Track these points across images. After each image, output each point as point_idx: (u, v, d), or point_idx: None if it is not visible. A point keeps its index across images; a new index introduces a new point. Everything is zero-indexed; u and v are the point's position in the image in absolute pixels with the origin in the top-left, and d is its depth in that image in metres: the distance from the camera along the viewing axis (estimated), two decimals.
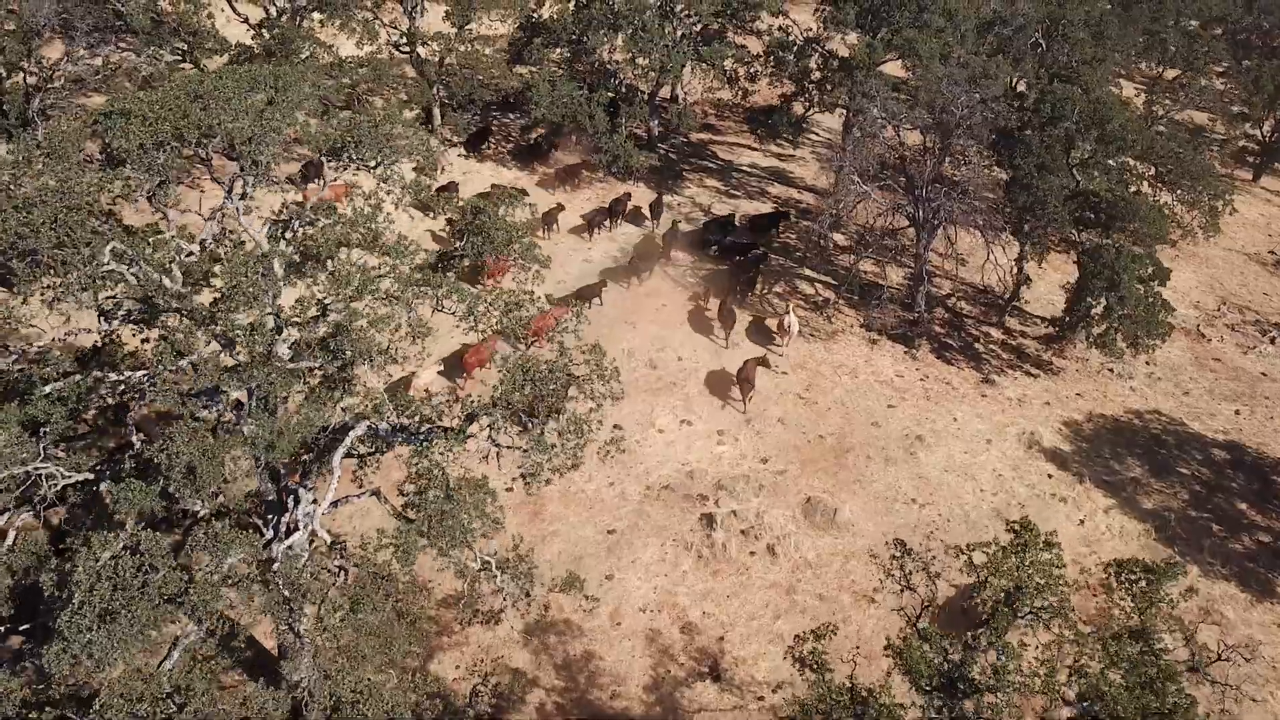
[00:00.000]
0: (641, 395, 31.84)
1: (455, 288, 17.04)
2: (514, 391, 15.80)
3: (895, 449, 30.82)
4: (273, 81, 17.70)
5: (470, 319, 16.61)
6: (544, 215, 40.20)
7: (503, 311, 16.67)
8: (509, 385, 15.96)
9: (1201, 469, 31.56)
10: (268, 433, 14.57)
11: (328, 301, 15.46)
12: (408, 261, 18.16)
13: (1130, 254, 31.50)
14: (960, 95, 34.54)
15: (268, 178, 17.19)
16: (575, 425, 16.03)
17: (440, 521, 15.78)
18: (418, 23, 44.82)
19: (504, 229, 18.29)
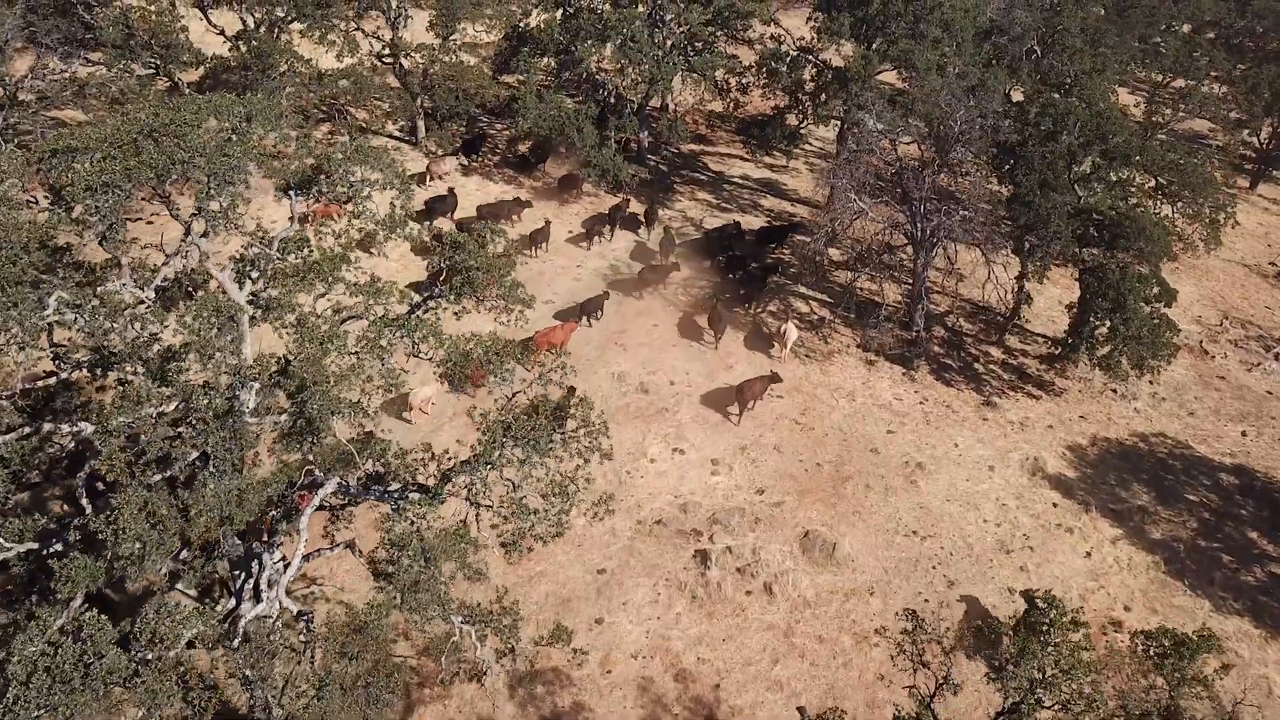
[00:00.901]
0: (633, 422, 30.76)
1: (433, 330, 15.88)
2: (494, 449, 14.66)
3: (895, 477, 29.80)
4: (236, 111, 16.53)
5: (450, 364, 15.43)
6: (531, 234, 39.10)
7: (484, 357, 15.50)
8: (489, 442, 14.81)
9: (1210, 495, 30.62)
10: (226, 500, 13.42)
11: (290, 359, 14.29)
12: (383, 301, 17.04)
13: (1136, 274, 30.54)
14: (959, 109, 33.57)
15: (230, 217, 15.99)
16: (560, 489, 14.90)
17: (415, 593, 14.64)
18: (401, 33, 43.65)
19: (485, 266, 17.14)
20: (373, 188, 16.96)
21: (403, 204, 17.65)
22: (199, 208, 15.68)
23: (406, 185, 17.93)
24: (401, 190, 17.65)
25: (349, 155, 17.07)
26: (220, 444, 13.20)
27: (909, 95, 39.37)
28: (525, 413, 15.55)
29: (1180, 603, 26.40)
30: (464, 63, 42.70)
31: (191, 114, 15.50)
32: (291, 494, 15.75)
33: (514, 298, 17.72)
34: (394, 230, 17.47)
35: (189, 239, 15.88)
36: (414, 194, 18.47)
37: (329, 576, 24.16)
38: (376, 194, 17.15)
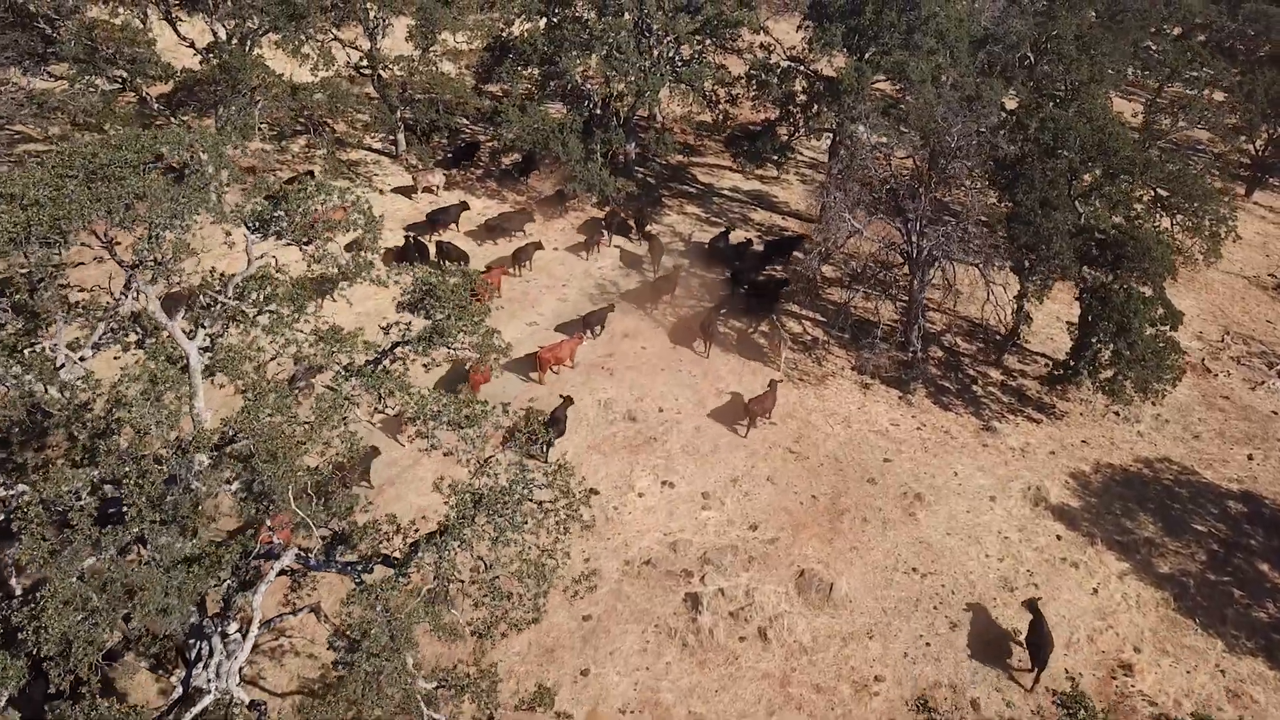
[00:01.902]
0: (620, 453, 29.53)
1: (400, 384, 14.61)
2: (464, 523, 13.41)
3: (893, 509, 28.65)
4: (184, 146, 15.22)
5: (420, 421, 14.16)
6: (514, 252, 37.88)
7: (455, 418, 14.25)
8: (458, 514, 13.56)
9: (1218, 524, 29.58)
10: (165, 588, 12.12)
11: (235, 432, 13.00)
12: (347, 350, 15.75)
13: (1140, 296, 29.48)
14: (956, 123, 32.45)
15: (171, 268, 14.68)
16: (537, 569, 13.66)
17: (375, 688, 13.35)
18: (379, 43, 42.28)
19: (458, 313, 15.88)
20: (337, 227, 15.67)
21: (370, 242, 16.40)
22: (138, 260, 14.38)
23: (373, 223, 16.66)
24: (367, 229, 16.39)
25: (309, 192, 15.77)
26: (154, 531, 11.94)
27: (903, 107, 38.32)
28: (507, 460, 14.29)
29: (1192, 643, 25.31)
30: (445, 74, 41.37)
31: (134, 152, 14.20)
32: (247, 564, 14.48)
33: (488, 346, 16.47)
34: (358, 275, 16.23)
35: (131, 290, 14.58)
36: (381, 233, 17.23)
37: (298, 627, 22.82)
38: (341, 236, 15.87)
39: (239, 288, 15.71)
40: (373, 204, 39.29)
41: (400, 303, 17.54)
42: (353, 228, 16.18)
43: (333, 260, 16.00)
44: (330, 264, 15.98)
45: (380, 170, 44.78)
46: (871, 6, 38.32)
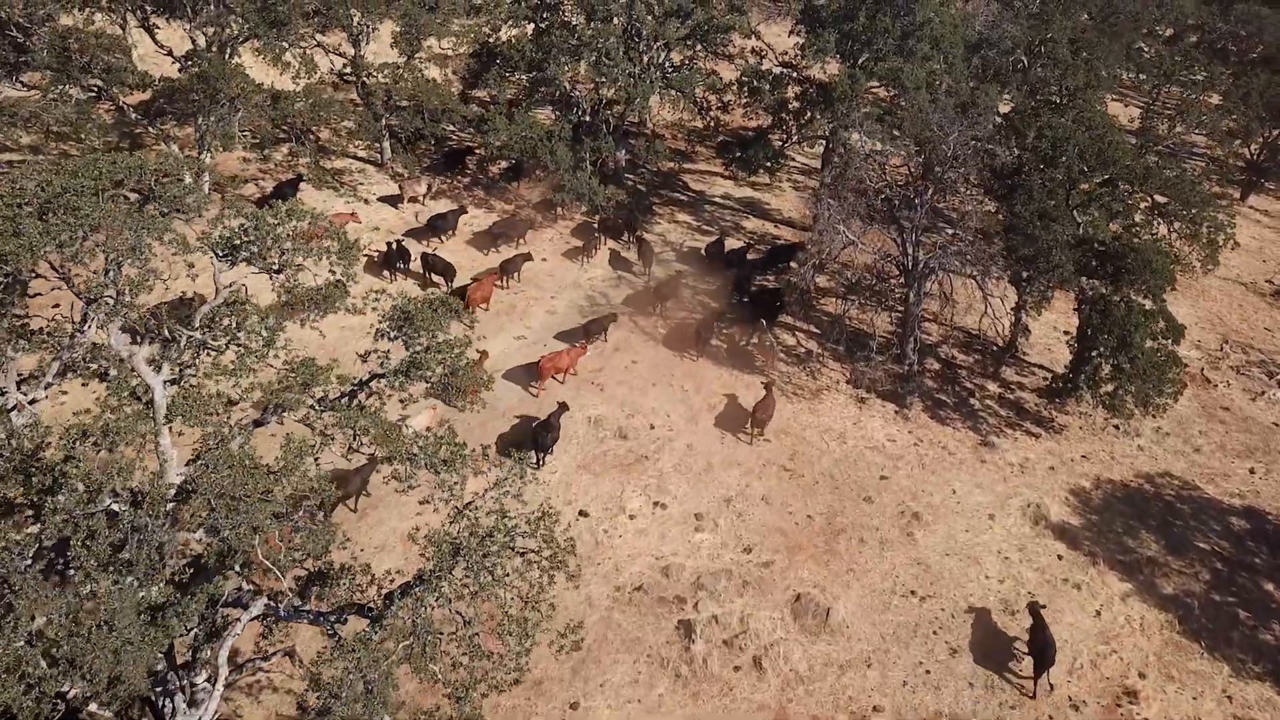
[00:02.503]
0: (610, 473, 28.77)
1: (374, 420, 13.82)
2: (441, 572, 12.64)
3: (890, 529, 27.97)
4: (143, 173, 14.40)
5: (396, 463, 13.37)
6: (502, 264, 37.10)
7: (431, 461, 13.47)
8: (435, 563, 12.80)
9: (1221, 542, 28.98)
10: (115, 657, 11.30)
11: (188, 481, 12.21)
12: (322, 382, 14.95)
13: (1142, 310, 28.86)
14: (952, 133, 31.80)
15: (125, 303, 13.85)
16: (519, 625, 12.90)
17: None
18: (364, 49, 41.44)
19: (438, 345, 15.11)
20: (310, 255, 14.89)
21: (344, 271, 15.62)
22: (93, 296, 13.57)
23: (349, 250, 15.87)
24: (342, 256, 15.59)
25: (279, 218, 14.96)
26: (108, 594, 11.16)
27: (898, 114, 37.69)
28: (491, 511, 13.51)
29: (1197, 667, 24.69)
30: (430, 80, 40.53)
31: (91, 179, 13.39)
32: (214, 613, 13.70)
33: (470, 380, 15.69)
34: (331, 305, 15.45)
35: (89, 325, 13.77)
36: (358, 260, 16.40)
37: (277, 662, 21.99)
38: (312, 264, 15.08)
39: (206, 318, 14.92)
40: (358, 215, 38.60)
41: (378, 330, 16.77)
42: (326, 254, 15.40)
43: (305, 292, 15.27)
44: (300, 295, 15.25)
45: (365, 179, 43.93)
46: (865, 12, 37.68)
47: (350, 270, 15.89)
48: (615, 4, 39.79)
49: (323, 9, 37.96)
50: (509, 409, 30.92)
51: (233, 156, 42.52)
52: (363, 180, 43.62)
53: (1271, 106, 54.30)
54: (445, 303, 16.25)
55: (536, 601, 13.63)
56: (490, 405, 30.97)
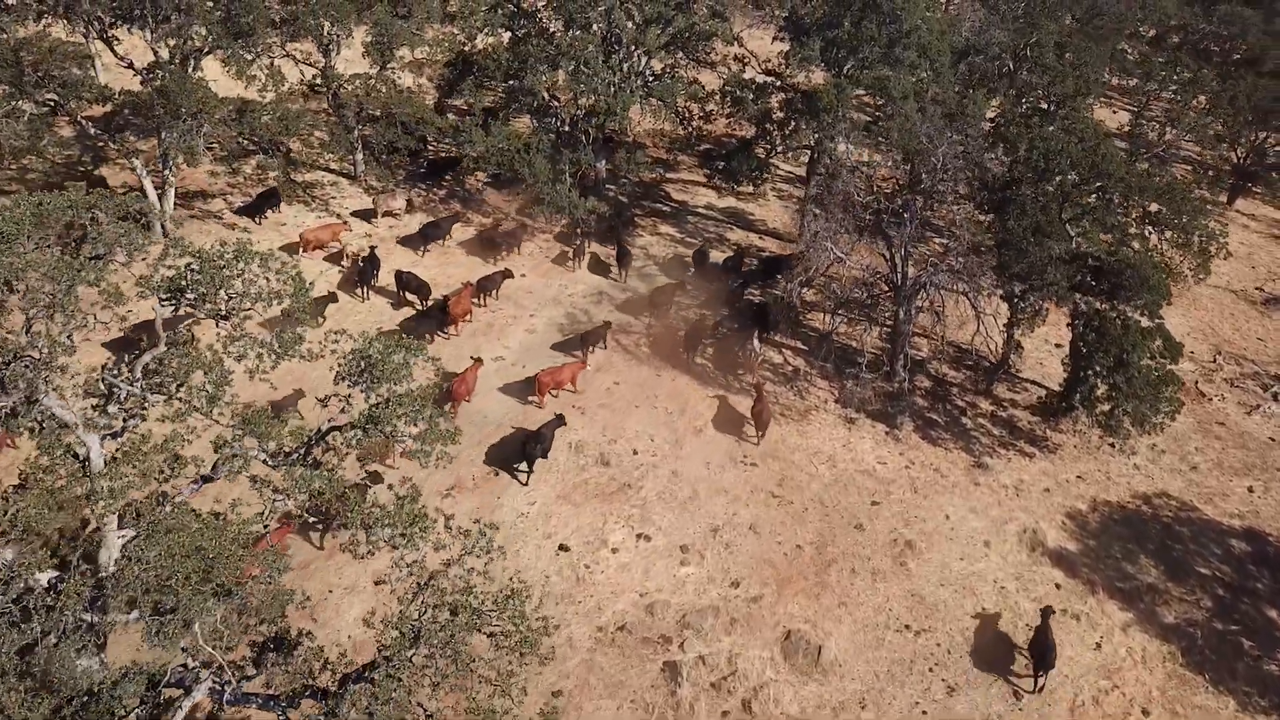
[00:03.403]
0: (592, 503, 27.66)
1: (331, 482, 12.66)
2: (400, 662, 11.52)
3: (883, 559, 26.99)
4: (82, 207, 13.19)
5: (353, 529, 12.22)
6: (479, 281, 35.93)
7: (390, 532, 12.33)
8: (395, 645, 11.67)
9: (1222, 566, 28.16)
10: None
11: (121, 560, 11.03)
12: (275, 436, 13.76)
13: (1139, 328, 28.00)
14: (940, 145, 30.88)
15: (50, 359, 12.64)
16: (488, 717, 11.78)
17: None
18: (335, 59, 40.13)
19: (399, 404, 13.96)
20: (259, 300, 13.72)
21: (301, 312, 14.45)
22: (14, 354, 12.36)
23: (303, 290, 14.70)
24: (296, 297, 14.42)
25: (227, 261, 13.78)
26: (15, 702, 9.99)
27: (884, 124, 36.78)
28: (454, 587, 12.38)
29: (1202, 702, 23.83)
30: (404, 91, 39.25)
31: (12, 224, 12.18)
32: (154, 695, 12.52)
33: (434, 435, 14.54)
34: (283, 354, 14.27)
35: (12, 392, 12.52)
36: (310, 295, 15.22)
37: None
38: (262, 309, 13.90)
39: (149, 368, 13.73)
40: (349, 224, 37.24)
41: (338, 374, 15.60)
42: (278, 299, 14.23)
43: (252, 341, 14.06)
44: (249, 345, 14.04)
45: (338, 192, 42.64)
46: (850, 19, 36.69)
47: (307, 314, 14.74)
48: (594, 11, 38.64)
49: (290, 18, 36.59)
50: (498, 425, 29.90)
51: (200, 170, 41.17)
52: (335, 194, 42.33)
53: (1258, 109, 53.79)
54: (408, 346, 15.11)
55: (506, 688, 12.50)
56: (482, 419, 29.94)
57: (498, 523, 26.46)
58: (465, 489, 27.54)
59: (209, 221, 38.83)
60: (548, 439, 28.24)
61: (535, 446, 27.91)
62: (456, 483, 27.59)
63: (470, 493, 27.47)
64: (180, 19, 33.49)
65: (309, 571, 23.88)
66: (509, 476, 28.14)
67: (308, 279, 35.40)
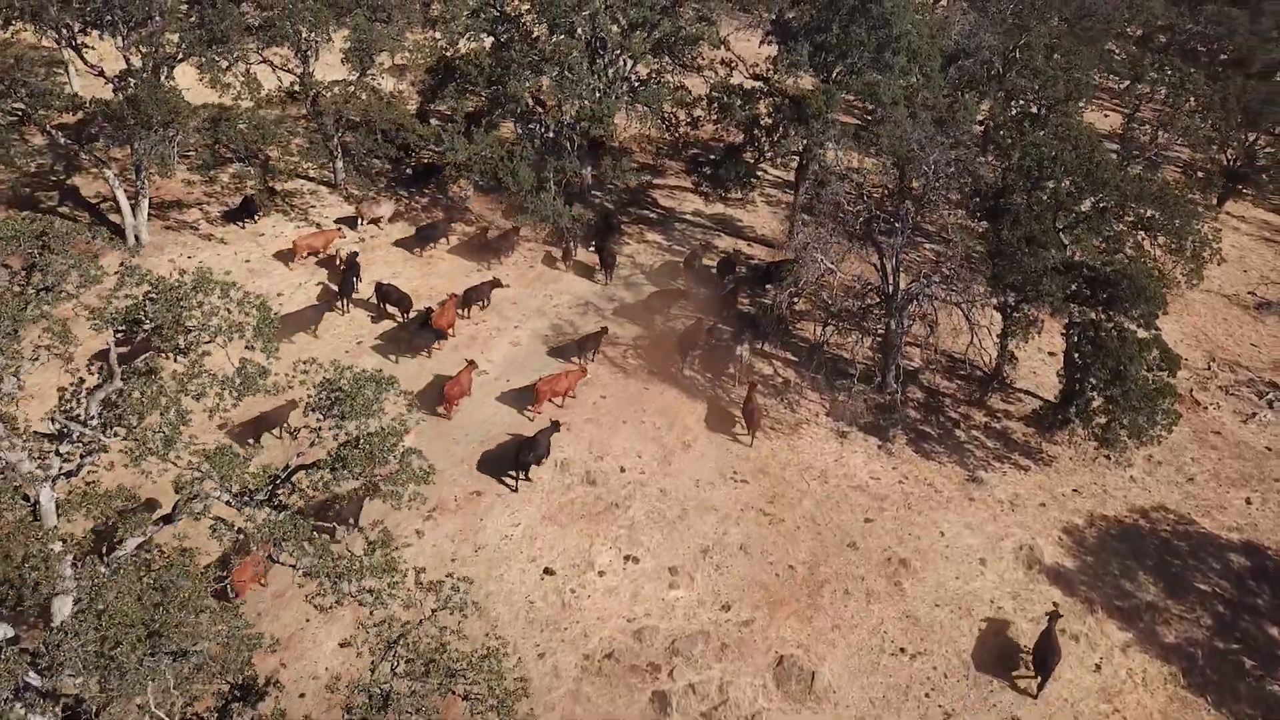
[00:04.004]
0: (578, 523, 26.89)
1: (297, 528, 11.88)
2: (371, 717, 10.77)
3: (876, 578, 26.33)
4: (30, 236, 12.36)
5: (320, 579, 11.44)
6: (467, 292, 35.14)
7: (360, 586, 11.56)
8: (363, 709, 10.91)
9: (1221, 582, 27.63)
10: None
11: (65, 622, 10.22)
12: (235, 475, 12.96)
13: (1136, 339, 27.45)
14: (932, 153, 30.27)
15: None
16: None
17: None
18: (313, 65, 39.22)
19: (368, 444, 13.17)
20: (221, 334, 12.92)
21: (264, 345, 13.64)
22: None
23: (269, 324, 13.90)
24: (260, 331, 13.61)
25: (187, 291, 12.96)
26: None
27: (874, 129, 36.17)
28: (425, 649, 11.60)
29: None
30: (384, 98, 38.36)
31: None
32: None
33: (406, 475, 13.76)
34: (245, 391, 13.47)
35: None
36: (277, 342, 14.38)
37: None
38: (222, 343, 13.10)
39: (103, 407, 12.92)
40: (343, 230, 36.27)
41: (309, 404, 14.81)
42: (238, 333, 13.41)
43: (211, 379, 13.24)
44: (208, 382, 13.23)
45: (318, 201, 41.74)
46: (838, 23, 36.03)
47: (271, 346, 13.95)
48: (578, 16, 37.88)
49: (266, 24, 35.69)
50: (481, 441, 29.18)
51: (176, 180, 40.21)
52: (314, 203, 41.43)
53: (1248, 111, 53.46)
54: (378, 381, 14.31)
55: None
56: (465, 435, 29.19)
57: (481, 544, 25.78)
58: (447, 510, 26.74)
59: (184, 232, 37.91)
60: (543, 445, 27.82)
61: (529, 453, 27.49)
62: (438, 504, 26.78)
63: (452, 514, 26.67)
64: (152, 25, 32.54)
65: (284, 600, 23.03)
66: (494, 496, 27.36)
67: (287, 291, 34.92)
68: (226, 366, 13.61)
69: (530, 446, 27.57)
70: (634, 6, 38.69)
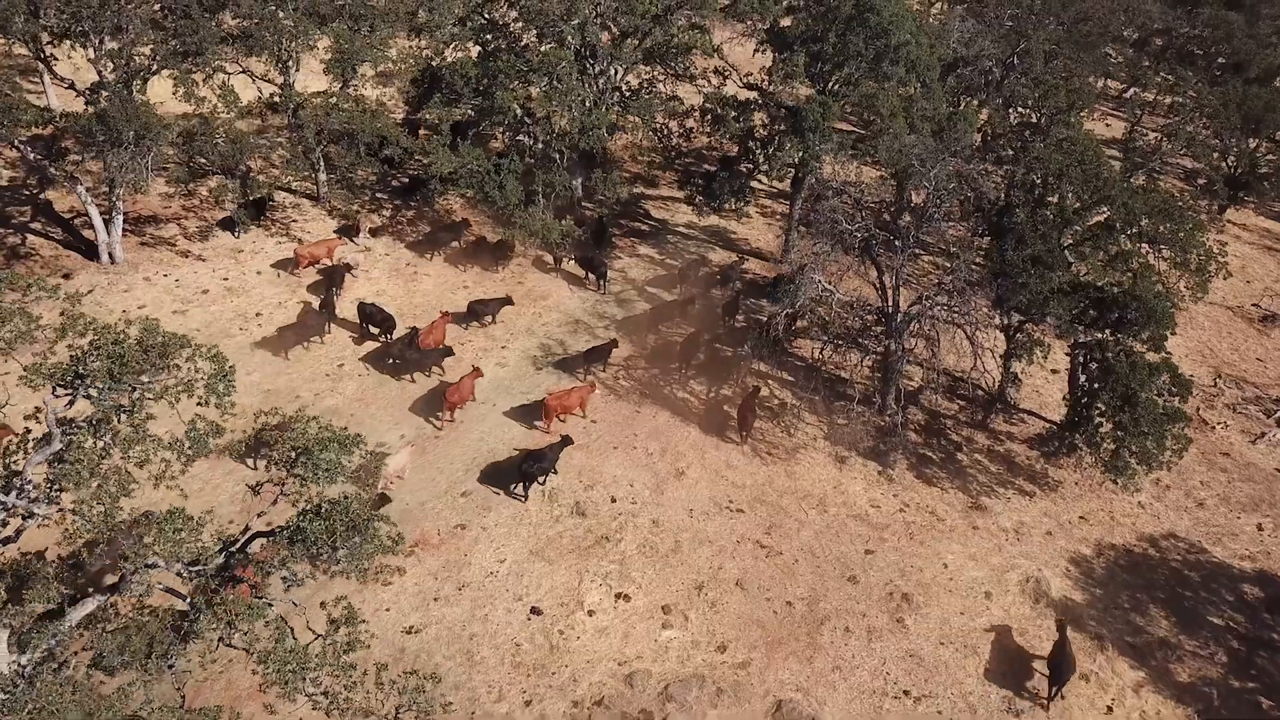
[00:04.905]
0: (566, 559, 25.77)
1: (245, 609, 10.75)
2: None
3: (878, 614, 25.27)
4: None
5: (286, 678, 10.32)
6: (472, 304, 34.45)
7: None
8: None
9: (1235, 615, 26.63)
10: None
11: None
12: (188, 544, 11.81)
13: (1146, 364, 26.43)
14: (933, 167, 29.22)
15: None
16: None
17: None
18: (294, 76, 38.00)
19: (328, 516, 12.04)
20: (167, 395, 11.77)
21: (218, 400, 12.49)
22: None
23: (224, 378, 12.75)
24: (210, 388, 12.46)
25: (128, 350, 11.81)
26: None
27: (871, 142, 35.14)
28: None
29: None
30: (367, 111, 37.14)
31: None
32: None
33: (376, 547, 12.61)
34: (195, 455, 12.33)
35: None
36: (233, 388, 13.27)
37: None
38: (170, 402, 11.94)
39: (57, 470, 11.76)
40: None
41: (271, 458, 13.68)
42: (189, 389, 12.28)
43: (157, 443, 12.10)
44: (152, 448, 12.08)
45: (300, 215, 40.52)
46: (835, 32, 34.96)
47: (226, 401, 12.80)
48: (568, 25, 36.74)
49: (243, 34, 34.48)
50: (466, 470, 28.10)
51: (153, 194, 38.94)
52: (297, 216, 40.22)
53: (1249, 118, 52.61)
54: (343, 440, 13.17)
55: None
56: (449, 463, 28.13)
57: (465, 582, 24.66)
58: (430, 545, 25.60)
59: (161, 249, 36.67)
60: (549, 460, 27.43)
61: (533, 465, 27.08)
62: (420, 538, 25.65)
63: (436, 549, 25.53)
64: (124, 37, 31.32)
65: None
66: (478, 529, 26.24)
67: (266, 310, 33.72)
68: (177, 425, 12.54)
69: (535, 459, 27.14)
70: (624, 14, 37.58)
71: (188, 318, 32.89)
